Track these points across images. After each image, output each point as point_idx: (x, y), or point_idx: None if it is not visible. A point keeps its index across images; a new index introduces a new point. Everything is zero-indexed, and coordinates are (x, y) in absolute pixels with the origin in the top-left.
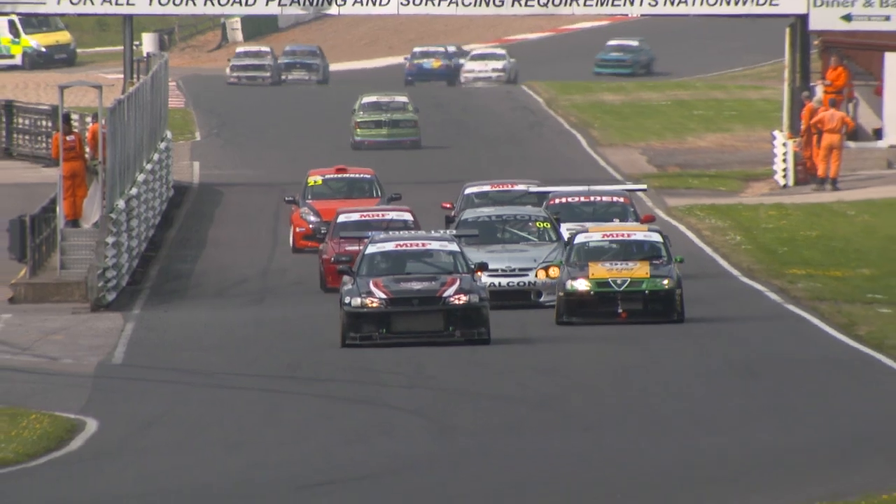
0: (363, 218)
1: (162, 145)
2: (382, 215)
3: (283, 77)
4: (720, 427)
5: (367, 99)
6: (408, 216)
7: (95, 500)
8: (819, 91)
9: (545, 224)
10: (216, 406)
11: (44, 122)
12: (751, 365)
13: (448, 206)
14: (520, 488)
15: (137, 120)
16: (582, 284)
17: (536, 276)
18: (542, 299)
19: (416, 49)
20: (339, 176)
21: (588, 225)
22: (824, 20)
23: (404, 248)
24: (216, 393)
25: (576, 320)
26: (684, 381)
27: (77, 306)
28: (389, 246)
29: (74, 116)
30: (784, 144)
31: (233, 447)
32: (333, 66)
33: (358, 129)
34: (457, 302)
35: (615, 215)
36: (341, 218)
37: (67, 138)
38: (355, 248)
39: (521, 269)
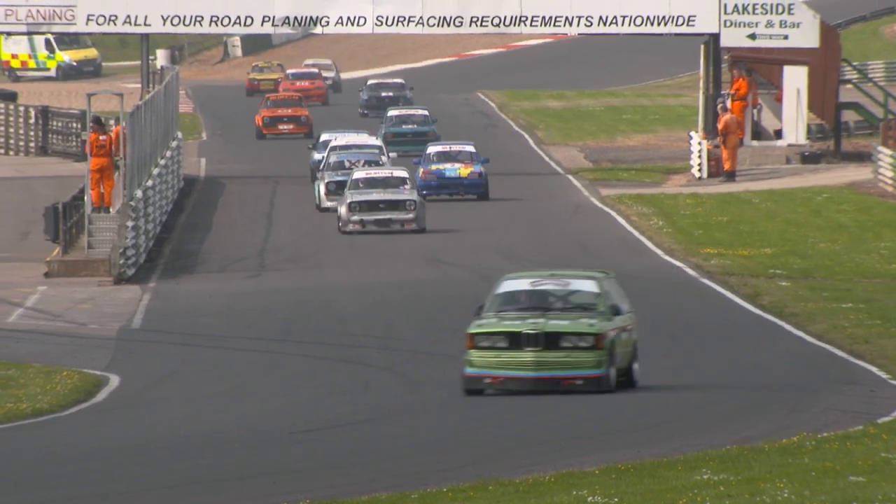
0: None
1: (173, 144)
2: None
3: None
4: (647, 381)
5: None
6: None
7: (118, 444)
8: (728, 100)
9: None
10: (220, 364)
11: (74, 125)
12: (672, 329)
13: None
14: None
15: (153, 122)
16: None
17: None
18: None
19: (430, 150)
20: None
21: None
22: (733, 38)
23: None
24: (220, 353)
25: None
26: None
27: (102, 280)
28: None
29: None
30: (699, 143)
31: (234, 399)
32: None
33: None
34: None
35: None
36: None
37: (101, 137)
38: None
39: None
